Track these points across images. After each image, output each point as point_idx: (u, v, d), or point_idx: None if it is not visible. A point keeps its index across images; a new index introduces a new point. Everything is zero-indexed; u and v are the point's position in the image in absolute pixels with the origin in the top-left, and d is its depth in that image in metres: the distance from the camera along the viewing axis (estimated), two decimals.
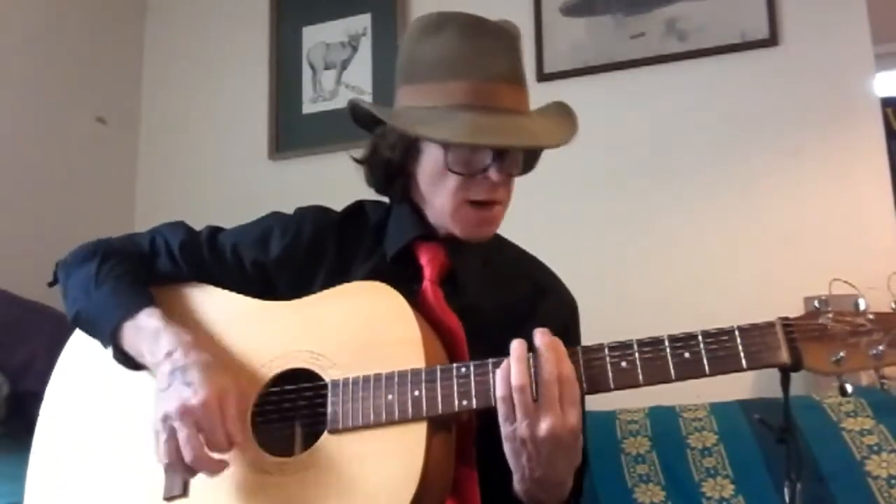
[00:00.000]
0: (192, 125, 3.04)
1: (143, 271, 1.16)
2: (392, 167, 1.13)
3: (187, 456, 0.95)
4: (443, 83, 1.05)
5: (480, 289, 1.13)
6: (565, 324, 1.16)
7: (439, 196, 1.08)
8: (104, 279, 1.12)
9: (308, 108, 2.86)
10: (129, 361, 1.10)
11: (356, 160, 1.18)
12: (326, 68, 2.87)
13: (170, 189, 2.97)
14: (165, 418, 0.97)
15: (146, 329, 1.06)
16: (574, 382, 0.91)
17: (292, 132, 2.87)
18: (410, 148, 1.10)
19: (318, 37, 2.89)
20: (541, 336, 0.93)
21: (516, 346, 0.93)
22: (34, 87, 2.63)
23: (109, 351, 1.10)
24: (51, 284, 1.21)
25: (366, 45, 2.81)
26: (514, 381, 0.90)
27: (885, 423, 1.53)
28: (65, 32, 2.79)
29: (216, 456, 0.97)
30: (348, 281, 1.10)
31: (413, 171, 1.12)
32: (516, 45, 1.09)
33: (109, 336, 1.09)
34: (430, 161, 1.08)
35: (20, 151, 2.56)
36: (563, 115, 1.15)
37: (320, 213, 1.20)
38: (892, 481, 1.43)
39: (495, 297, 1.14)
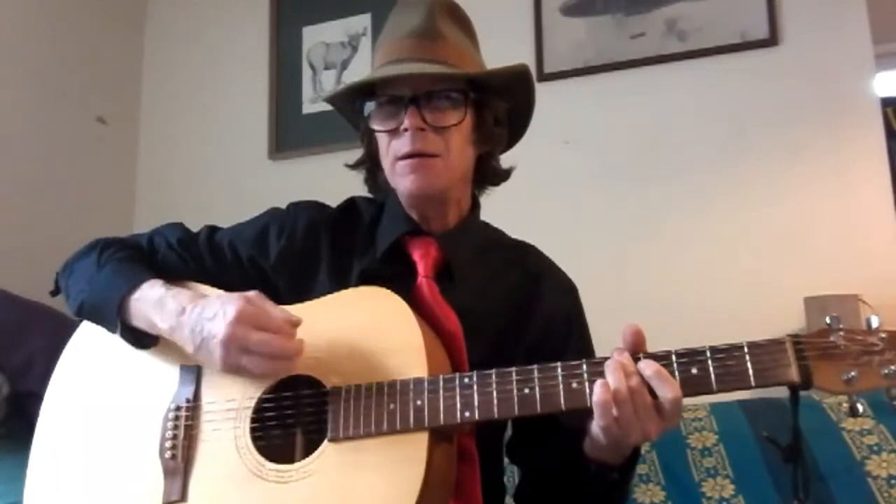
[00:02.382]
0: (192, 125, 3.04)
1: (146, 260, 1.16)
2: (369, 162, 1.17)
3: (269, 349, 0.93)
4: (375, 54, 1.14)
5: (476, 281, 1.12)
6: (567, 309, 1.17)
7: (385, 168, 1.11)
8: (105, 263, 1.12)
9: (308, 108, 2.86)
10: (138, 340, 1.09)
11: (348, 166, 1.21)
12: (326, 68, 2.87)
13: (170, 189, 2.97)
14: (226, 345, 0.94)
15: (150, 299, 1.05)
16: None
17: (292, 132, 2.87)
18: (372, 138, 1.13)
19: (318, 37, 2.89)
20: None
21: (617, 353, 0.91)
22: (34, 88, 2.63)
23: (117, 336, 1.09)
24: (53, 293, 1.21)
25: (366, 45, 2.81)
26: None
27: (885, 423, 1.53)
28: (65, 33, 2.79)
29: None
30: (349, 279, 1.10)
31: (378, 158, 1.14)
32: (434, 6, 1.11)
33: (116, 314, 1.07)
34: (377, 139, 1.12)
35: (21, 151, 2.56)
36: (504, 70, 1.13)
37: (315, 208, 1.20)
38: (892, 481, 1.43)
39: (492, 288, 1.13)
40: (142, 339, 1.09)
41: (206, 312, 0.98)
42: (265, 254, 1.15)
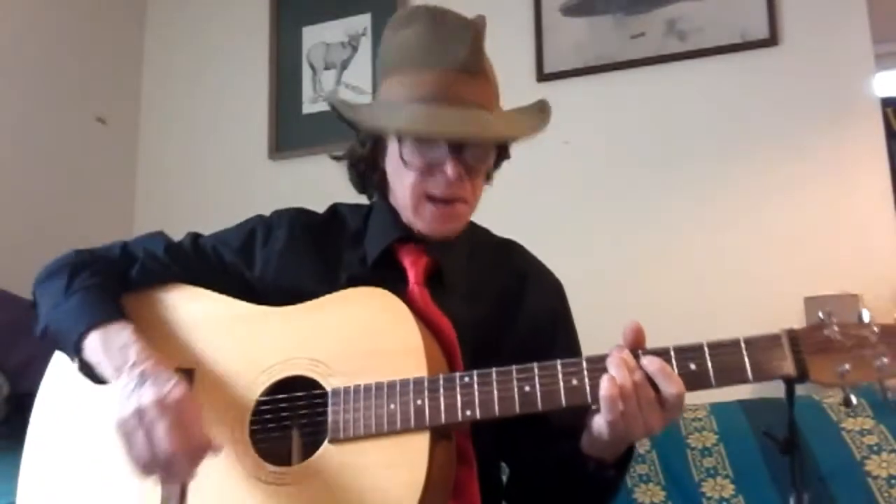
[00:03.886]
0: (192, 125, 3.04)
1: (117, 282, 1.11)
2: (365, 163, 1.14)
3: (171, 446, 0.88)
4: (407, 75, 1.05)
5: (466, 286, 1.12)
6: (553, 307, 1.16)
7: (400, 191, 1.09)
8: (74, 291, 1.07)
9: (308, 108, 2.86)
10: (92, 374, 1.04)
11: (334, 157, 1.18)
12: (326, 68, 2.87)
13: (170, 189, 2.97)
14: (139, 412, 0.90)
15: (116, 340, 1.01)
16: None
17: (292, 132, 2.87)
18: (378, 143, 1.11)
19: (318, 37, 2.89)
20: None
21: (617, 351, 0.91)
22: (35, 87, 2.64)
23: (76, 364, 1.05)
24: (33, 306, 1.15)
25: (366, 45, 2.81)
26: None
27: (885, 423, 1.53)
28: (65, 33, 2.79)
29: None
30: (336, 285, 1.08)
31: (383, 167, 1.12)
32: (479, 36, 1.07)
33: (74, 346, 1.03)
34: (392, 155, 1.08)
35: (20, 151, 2.56)
36: (532, 112, 1.12)
37: (300, 214, 1.19)
38: (892, 481, 1.43)
39: (480, 292, 1.13)
40: (95, 372, 1.04)
41: (160, 378, 0.93)
42: (250, 262, 1.14)
